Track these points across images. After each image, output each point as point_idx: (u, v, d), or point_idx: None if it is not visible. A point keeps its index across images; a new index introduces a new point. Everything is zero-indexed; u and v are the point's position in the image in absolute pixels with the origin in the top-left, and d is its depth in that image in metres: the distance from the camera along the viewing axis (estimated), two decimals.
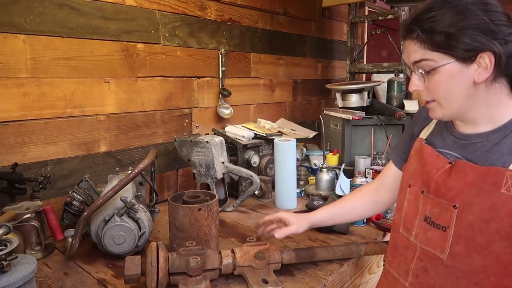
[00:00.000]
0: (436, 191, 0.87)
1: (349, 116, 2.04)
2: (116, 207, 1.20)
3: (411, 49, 0.84)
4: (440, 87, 0.82)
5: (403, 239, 0.96)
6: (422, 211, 0.91)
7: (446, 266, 0.85)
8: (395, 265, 0.99)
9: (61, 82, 1.43)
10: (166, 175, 1.85)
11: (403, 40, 0.88)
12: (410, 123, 1.10)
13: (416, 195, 0.93)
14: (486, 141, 0.83)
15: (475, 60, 0.77)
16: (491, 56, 0.76)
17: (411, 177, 0.96)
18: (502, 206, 0.76)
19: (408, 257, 0.94)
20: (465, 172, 0.82)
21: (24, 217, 1.18)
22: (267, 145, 1.92)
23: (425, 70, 0.82)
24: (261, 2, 2.24)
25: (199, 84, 1.95)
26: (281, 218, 1.18)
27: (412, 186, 0.95)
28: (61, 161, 1.46)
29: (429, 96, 0.86)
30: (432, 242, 0.88)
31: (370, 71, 2.56)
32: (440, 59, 0.79)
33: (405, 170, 1.02)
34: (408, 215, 0.95)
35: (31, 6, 1.32)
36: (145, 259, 1.01)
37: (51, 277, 1.12)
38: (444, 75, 0.80)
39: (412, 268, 0.92)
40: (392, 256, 1.01)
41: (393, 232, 1.03)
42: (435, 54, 0.80)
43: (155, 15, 1.71)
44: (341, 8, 2.95)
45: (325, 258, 1.18)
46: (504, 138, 0.80)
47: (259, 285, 1.03)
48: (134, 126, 1.69)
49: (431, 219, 0.88)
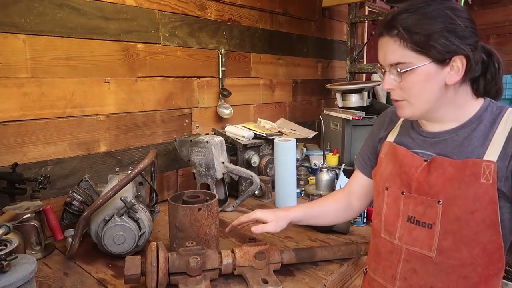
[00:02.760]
0: (419, 189, 0.88)
1: (349, 116, 2.04)
2: (116, 207, 1.20)
3: (389, 48, 0.85)
4: (415, 87, 0.84)
5: (386, 243, 0.96)
6: (404, 211, 0.91)
7: (435, 263, 0.86)
8: (380, 271, 0.98)
9: (61, 82, 1.43)
10: (166, 175, 1.85)
11: (380, 38, 0.88)
12: (374, 129, 1.11)
13: (396, 197, 0.93)
14: (456, 136, 0.87)
15: (449, 63, 0.81)
16: (463, 60, 0.81)
17: (388, 180, 0.96)
18: (484, 195, 0.79)
19: (394, 261, 0.93)
20: (444, 167, 0.85)
21: (24, 217, 1.18)
22: (267, 145, 1.92)
23: (402, 70, 0.83)
24: (261, 2, 2.24)
25: (199, 84, 1.95)
26: (258, 219, 1.13)
27: (390, 188, 0.95)
28: (61, 161, 1.46)
29: (400, 96, 0.87)
30: (418, 241, 0.88)
31: (370, 71, 2.56)
32: (418, 60, 0.82)
33: (377, 174, 1.01)
34: (388, 218, 0.95)
35: (31, 6, 1.32)
36: (145, 259, 1.01)
37: (51, 277, 1.12)
38: (421, 76, 0.82)
39: (399, 272, 0.92)
40: (375, 262, 1.00)
41: (374, 238, 1.02)
42: (413, 54, 0.81)
43: (155, 15, 1.71)
44: (341, 8, 2.95)
45: (325, 258, 1.18)
46: (473, 132, 0.85)
47: (259, 285, 1.03)
48: (134, 126, 1.69)
49: (415, 218, 0.89)
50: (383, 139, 1.04)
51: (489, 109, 0.87)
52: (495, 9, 2.93)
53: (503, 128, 0.82)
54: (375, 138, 1.08)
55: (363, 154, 1.13)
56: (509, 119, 0.83)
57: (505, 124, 0.83)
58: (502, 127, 0.83)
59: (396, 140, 0.99)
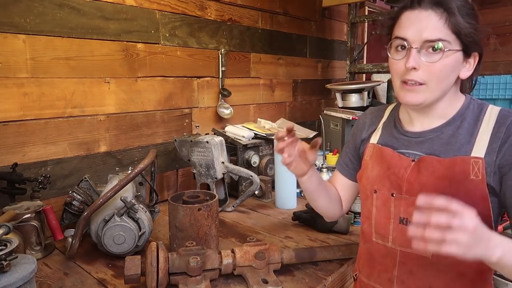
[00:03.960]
0: (410, 190, 0.87)
1: (349, 116, 2.04)
2: (116, 207, 1.20)
3: (430, 24, 0.79)
4: (443, 71, 0.81)
5: (379, 247, 0.94)
6: (395, 213, 0.90)
7: (432, 263, 0.86)
8: (375, 276, 0.96)
9: (61, 82, 1.43)
10: (166, 175, 1.85)
11: (415, 10, 0.81)
12: (354, 130, 1.08)
13: (386, 199, 0.91)
14: (441, 134, 0.87)
15: (469, 57, 0.83)
16: (477, 57, 0.83)
17: (375, 183, 0.94)
18: (475, 192, 0.80)
19: (389, 265, 0.92)
20: (433, 166, 0.84)
21: (24, 217, 1.18)
22: (267, 145, 1.92)
23: (446, 48, 0.79)
24: (261, 2, 2.24)
25: (199, 84, 1.95)
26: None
27: (379, 191, 0.93)
28: (61, 161, 1.46)
29: (422, 78, 0.81)
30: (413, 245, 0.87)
31: (370, 71, 2.56)
32: (455, 44, 0.80)
33: (363, 177, 0.99)
34: (379, 222, 0.93)
35: (31, 6, 1.32)
36: (145, 259, 1.01)
37: (51, 277, 1.12)
38: (452, 61, 0.81)
39: (396, 275, 0.91)
40: (369, 268, 0.98)
41: (364, 243, 1.00)
42: (453, 37, 0.80)
43: (155, 15, 1.71)
44: (341, 8, 2.95)
45: (325, 258, 1.18)
46: (457, 129, 0.86)
47: (259, 285, 1.03)
48: (134, 126, 1.69)
49: (407, 219, 0.87)
50: (366, 141, 1.02)
51: (471, 107, 0.88)
52: (495, 9, 2.93)
53: (487, 125, 0.83)
54: (356, 140, 1.05)
55: (344, 157, 1.10)
56: (491, 116, 0.84)
57: (489, 121, 0.84)
58: (486, 124, 0.83)
59: (380, 141, 0.97)
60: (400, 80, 0.84)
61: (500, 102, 2.34)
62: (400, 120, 0.96)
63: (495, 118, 0.83)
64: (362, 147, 1.03)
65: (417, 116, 0.91)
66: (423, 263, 0.87)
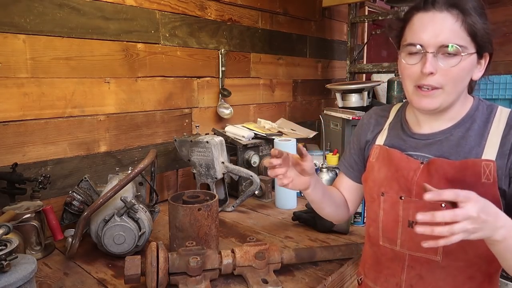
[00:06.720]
0: (420, 193, 0.84)
1: (349, 116, 2.04)
2: (116, 207, 1.20)
3: (446, 26, 0.77)
4: (460, 74, 0.79)
5: (387, 251, 0.92)
6: (404, 217, 0.87)
7: (442, 267, 0.84)
8: (382, 280, 0.94)
9: (61, 82, 1.43)
10: (166, 175, 1.85)
11: (430, 12, 0.78)
12: (358, 131, 1.05)
13: (394, 202, 0.89)
14: (451, 136, 0.86)
15: (481, 58, 0.82)
16: (487, 58, 0.82)
17: (383, 185, 0.92)
18: (486, 195, 0.77)
19: (397, 269, 0.90)
20: (444, 169, 0.82)
21: (24, 217, 1.18)
22: (267, 145, 1.92)
23: (464, 53, 0.77)
24: (261, 2, 2.24)
25: (199, 84, 1.95)
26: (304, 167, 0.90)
27: (386, 193, 0.90)
28: (61, 161, 1.46)
29: (439, 82, 0.79)
30: (422, 246, 0.86)
31: (370, 71, 2.56)
32: (471, 47, 0.79)
33: (368, 179, 0.97)
34: (387, 225, 0.91)
35: (31, 6, 1.32)
36: (145, 259, 1.01)
37: (51, 277, 1.12)
38: (468, 64, 0.80)
39: (404, 279, 0.89)
40: (376, 271, 0.96)
41: (371, 247, 0.98)
42: (469, 39, 0.78)
43: (155, 15, 1.71)
44: (341, 8, 2.95)
45: (325, 258, 1.18)
46: (467, 131, 0.84)
47: (259, 285, 1.03)
48: (134, 126, 1.69)
49: (416, 223, 0.87)
50: (371, 142, 0.99)
51: (480, 108, 0.86)
52: (495, 9, 2.93)
53: (497, 127, 0.82)
54: (361, 141, 1.03)
55: (348, 158, 1.07)
56: (501, 118, 0.83)
57: (499, 123, 0.82)
58: (496, 126, 0.82)
59: (387, 143, 0.95)
60: (414, 85, 0.82)
61: (500, 102, 2.34)
62: (407, 122, 0.94)
63: (505, 120, 0.82)
64: (367, 148, 1.01)
65: (426, 118, 0.89)
66: (433, 267, 0.85)
